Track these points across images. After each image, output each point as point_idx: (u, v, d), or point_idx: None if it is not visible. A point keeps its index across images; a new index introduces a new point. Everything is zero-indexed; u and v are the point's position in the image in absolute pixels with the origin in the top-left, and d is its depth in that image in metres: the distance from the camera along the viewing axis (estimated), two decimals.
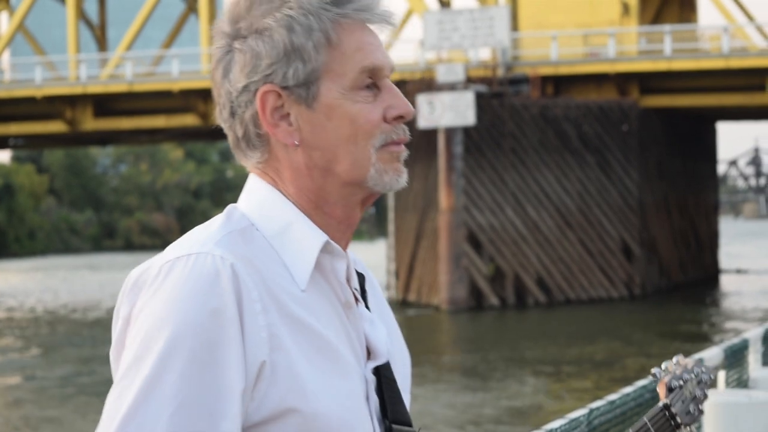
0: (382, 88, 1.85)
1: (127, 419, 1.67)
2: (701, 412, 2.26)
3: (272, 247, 1.81)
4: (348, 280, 1.90)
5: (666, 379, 2.28)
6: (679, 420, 2.24)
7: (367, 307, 1.94)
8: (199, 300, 1.70)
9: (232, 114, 1.85)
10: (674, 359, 2.30)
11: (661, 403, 2.25)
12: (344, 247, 1.88)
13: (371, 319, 1.92)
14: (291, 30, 1.80)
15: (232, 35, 1.84)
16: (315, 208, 1.85)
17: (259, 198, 1.86)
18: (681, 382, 2.27)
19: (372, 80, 1.83)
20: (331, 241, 1.83)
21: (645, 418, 2.22)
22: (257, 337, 1.72)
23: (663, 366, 2.28)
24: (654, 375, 2.27)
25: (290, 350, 1.74)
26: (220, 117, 1.88)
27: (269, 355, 1.72)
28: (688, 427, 2.25)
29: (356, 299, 1.91)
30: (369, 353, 1.89)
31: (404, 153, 1.87)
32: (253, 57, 1.81)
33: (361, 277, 1.97)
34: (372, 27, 1.87)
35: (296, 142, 1.82)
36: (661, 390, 2.27)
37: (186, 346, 1.68)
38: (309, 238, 1.82)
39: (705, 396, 2.29)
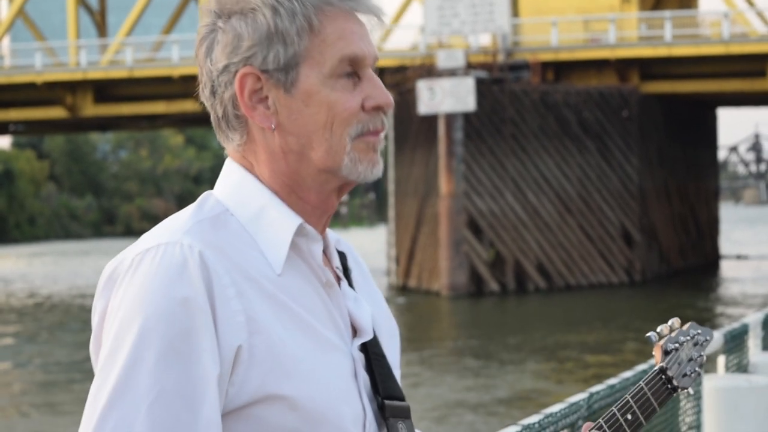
0: (363, 78, 1.84)
1: (106, 413, 1.68)
2: (699, 374, 2.22)
3: (247, 232, 1.82)
4: (329, 260, 1.91)
5: (661, 342, 2.25)
6: (675, 383, 2.21)
7: (350, 285, 1.95)
8: (167, 290, 1.70)
9: (213, 93, 1.87)
10: (669, 322, 2.26)
11: (657, 367, 2.22)
12: (321, 232, 1.89)
13: (355, 297, 1.92)
14: (275, 12, 1.80)
15: (217, 13, 1.84)
16: (289, 193, 1.85)
17: (233, 183, 1.86)
18: (677, 345, 2.24)
19: (353, 69, 1.83)
20: (306, 224, 1.84)
21: (641, 383, 2.19)
22: (232, 322, 1.72)
23: (658, 329, 2.24)
24: (649, 338, 2.24)
25: (271, 333, 1.74)
26: (203, 94, 1.90)
27: (247, 340, 1.72)
28: (685, 390, 2.22)
29: (338, 278, 1.91)
30: (355, 331, 1.89)
31: (381, 143, 1.86)
32: (234, 37, 1.81)
33: (342, 256, 1.98)
34: (360, 17, 1.86)
35: (272, 126, 1.82)
36: (657, 353, 2.24)
37: (157, 337, 1.69)
38: (283, 221, 1.83)
39: (702, 357, 2.26)
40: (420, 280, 38.89)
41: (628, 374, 4.82)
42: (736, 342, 6.80)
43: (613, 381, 4.58)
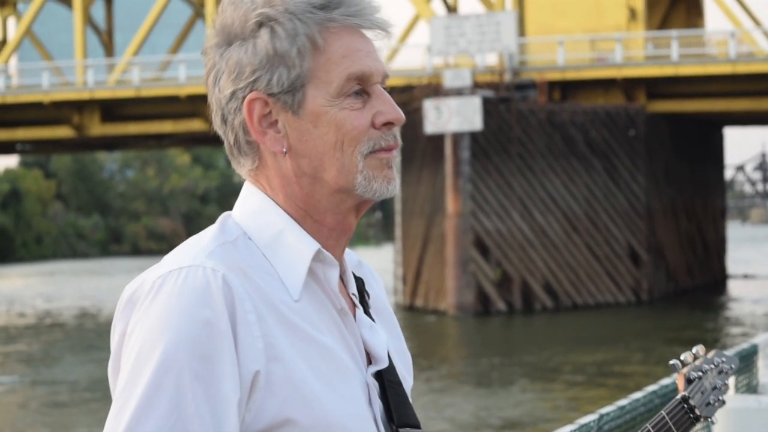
0: (372, 95, 1.82)
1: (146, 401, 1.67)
2: (722, 402, 2.19)
3: (265, 257, 1.80)
4: (345, 286, 1.89)
5: (685, 370, 2.20)
6: (698, 412, 2.16)
7: (366, 311, 1.92)
8: (190, 313, 1.69)
9: (224, 121, 1.84)
10: (694, 350, 2.21)
11: (679, 396, 2.17)
12: (339, 255, 1.87)
13: (370, 325, 1.90)
14: (273, 35, 1.78)
15: (220, 43, 1.83)
16: (305, 216, 1.83)
17: (251, 206, 1.85)
18: (700, 374, 2.20)
19: (361, 87, 1.81)
20: (323, 250, 1.81)
21: (663, 412, 2.14)
22: (251, 348, 1.71)
23: (682, 357, 2.20)
24: (673, 367, 2.19)
25: (288, 359, 1.73)
26: (215, 123, 1.87)
27: (265, 366, 1.71)
28: (708, 419, 2.16)
29: (353, 305, 1.89)
30: (369, 358, 1.87)
31: (394, 159, 1.84)
32: (236, 64, 1.80)
33: (360, 281, 1.95)
34: (366, 33, 1.84)
35: (284, 150, 1.80)
36: (680, 382, 2.20)
37: (180, 361, 1.67)
38: (301, 246, 1.81)
39: (726, 386, 2.22)
40: (427, 300, 38.84)
41: (638, 395, 4.79)
42: (745, 363, 6.76)
43: (623, 402, 4.55)
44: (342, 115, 1.79)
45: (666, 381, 5.26)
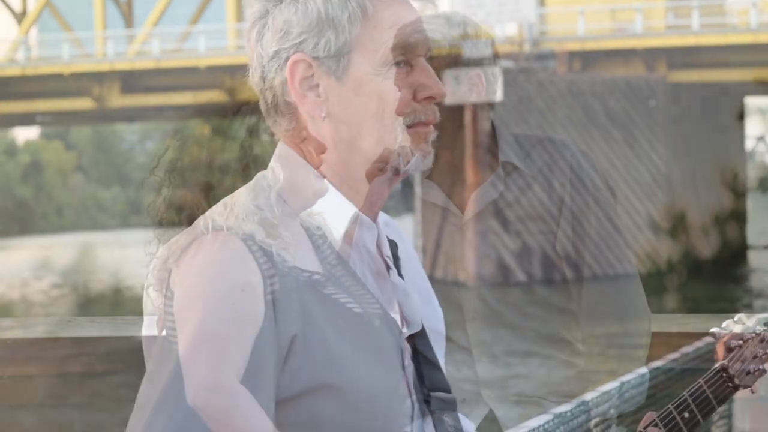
0: (415, 67, 1.81)
1: (161, 403, 1.67)
2: (763, 371, 2.16)
3: (300, 220, 1.80)
4: (379, 249, 1.87)
5: (725, 338, 2.19)
6: (737, 381, 2.14)
7: (400, 275, 1.91)
8: (228, 276, 1.69)
9: (263, 78, 1.84)
10: (735, 317, 2.20)
11: (718, 365, 2.16)
12: (373, 219, 1.86)
13: (404, 288, 1.89)
14: None
15: None
16: (341, 182, 1.82)
17: (286, 168, 1.84)
18: (741, 342, 2.18)
19: (405, 58, 1.80)
20: (360, 213, 1.81)
21: (701, 380, 2.14)
22: (289, 311, 1.70)
23: (723, 324, 2.18)
24: (713, 335, 2.17)
25: (323, 324, 1.72)
26: (252, 80, 1.86)
27: (302, 330, 1.70)
28: (747, 389, 2.14)
29: (388, 267, 1.88)
30: (403, 322, 1.86)
31: (432, 134, 1.83)
32: (285, 23, 1.79)
33: (393, 245, 1.94)
34: (413, 3, 1.83)
35: (323, 115, 1.80)
36: (720, 350, 2.17)
37: (216, 326, 1.67)
38: (337, 210, 1.80)
39: (767, 355, 2.20)
40: (446, 270, 38.78)
41: (658, 363, 4.81)
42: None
43: (642, 370, 4.56)
44: (385, 85, 1.79)
45: (687, 349, 5.27)
